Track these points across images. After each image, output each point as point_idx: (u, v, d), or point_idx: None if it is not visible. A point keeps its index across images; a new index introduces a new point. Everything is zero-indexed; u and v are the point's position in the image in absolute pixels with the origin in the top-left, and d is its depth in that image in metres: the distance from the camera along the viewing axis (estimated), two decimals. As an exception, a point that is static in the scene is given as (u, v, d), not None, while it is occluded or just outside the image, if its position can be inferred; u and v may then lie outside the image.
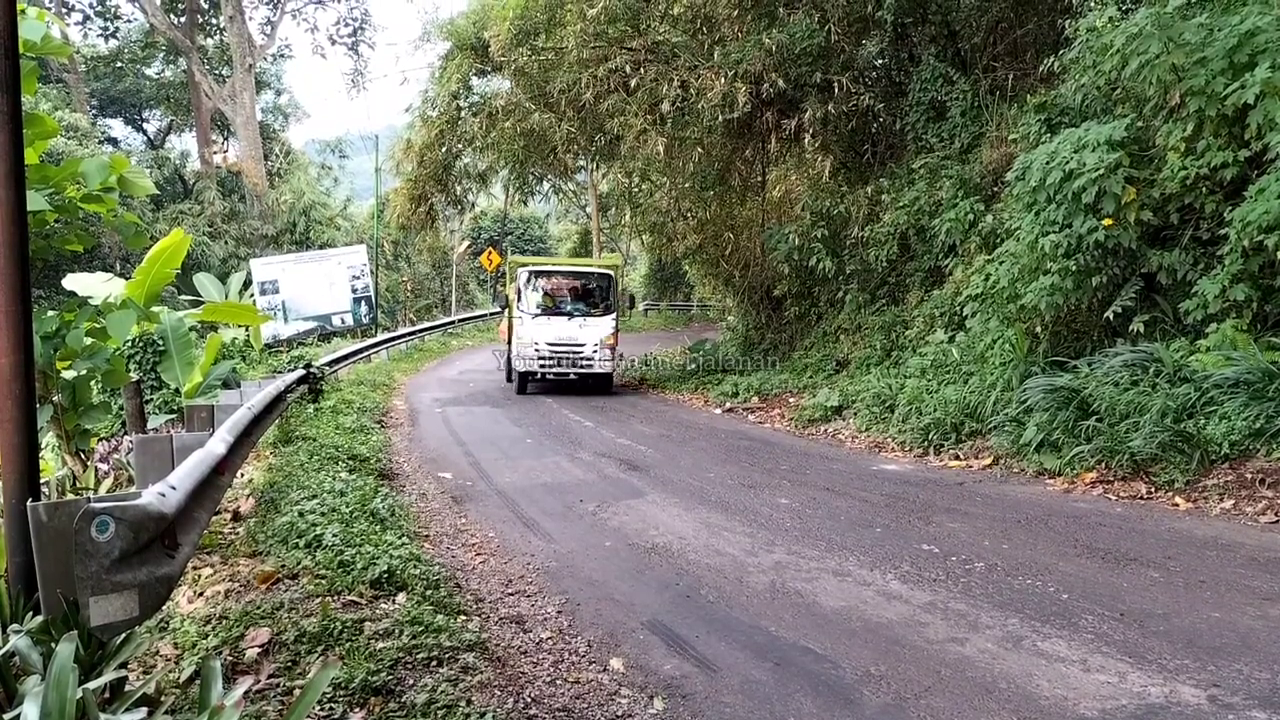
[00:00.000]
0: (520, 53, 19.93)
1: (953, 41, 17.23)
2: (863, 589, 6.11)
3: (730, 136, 18.92)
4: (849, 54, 17.73)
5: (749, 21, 17.77)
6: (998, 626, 5.32)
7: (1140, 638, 5.04)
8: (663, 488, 9.62)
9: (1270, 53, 9.00)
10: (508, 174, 28.77)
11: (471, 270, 52.79)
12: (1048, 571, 6.28)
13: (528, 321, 18.90)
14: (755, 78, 16.79)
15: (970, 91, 15.62)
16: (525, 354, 18.71)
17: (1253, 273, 9.13)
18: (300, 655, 4.73)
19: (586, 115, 20.13)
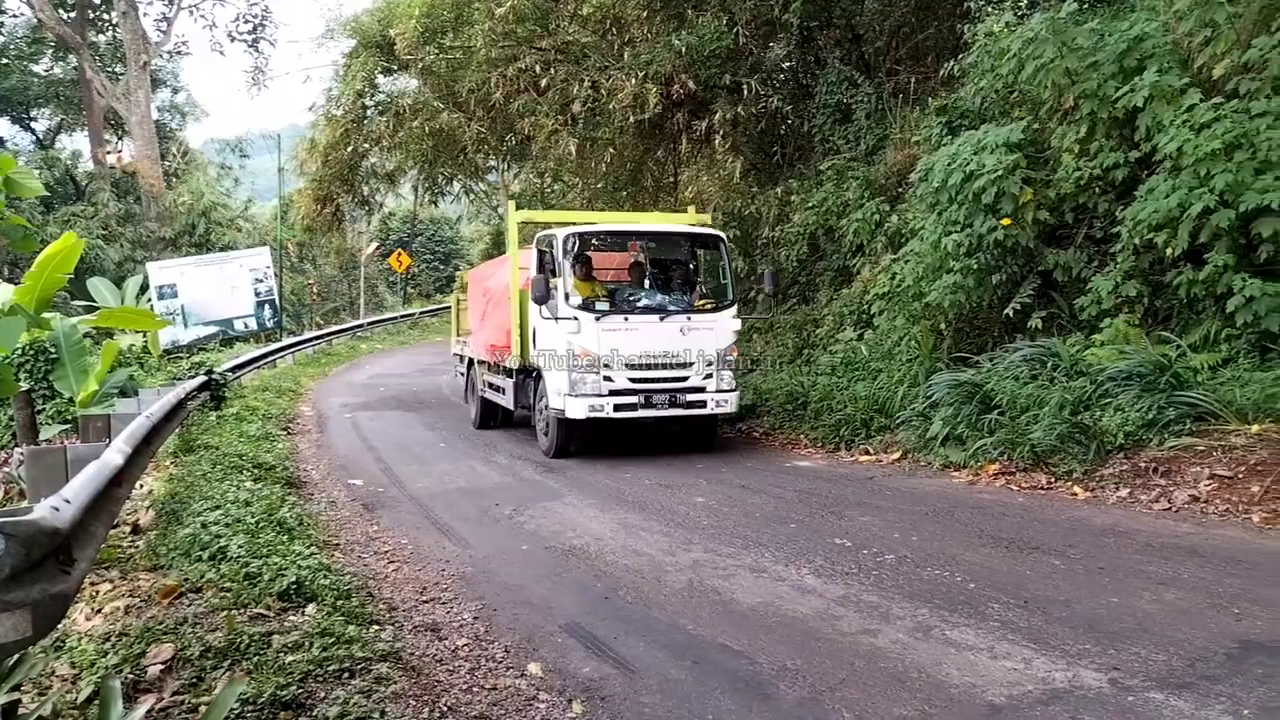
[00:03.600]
0: (427, 51, 19.68)
1: (857, 45, 17.57)
2: (778, 584, 6.18)
3: (642, 137, 18.98)
4: (757, 56, 17.94)
5: (658, 23, 17.85)
6: (908, 617, 5.43)
7: (1044, 624, 5.20)
8: (580, 489, 9.59)
9: (1158, 57, 9.39)
10: (417, 174, 28.36)
11: (381, 272, 51.90)
12: (955, 562, 6.44)
13: (583, 329, 10.79)
14: (666, 79, 16.88)
15: (874, 95, 15.95)
16: (570, 387, 10.80)
17: (1143, 270, 9.51)
18: (205, 671, 4.58)
19: (497, 115, 19.98)
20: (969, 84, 12.51)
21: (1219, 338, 8.87)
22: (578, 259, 11.37)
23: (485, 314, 13.88)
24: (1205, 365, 8.71)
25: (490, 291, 13.74)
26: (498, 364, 13.15)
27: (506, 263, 13.26)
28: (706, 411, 11.13)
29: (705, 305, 11.54)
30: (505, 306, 12.51)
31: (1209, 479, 7.57)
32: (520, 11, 18.01)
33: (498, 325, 12.97)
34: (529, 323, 11.81)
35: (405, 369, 24.40)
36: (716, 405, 11.10)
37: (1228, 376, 8.54)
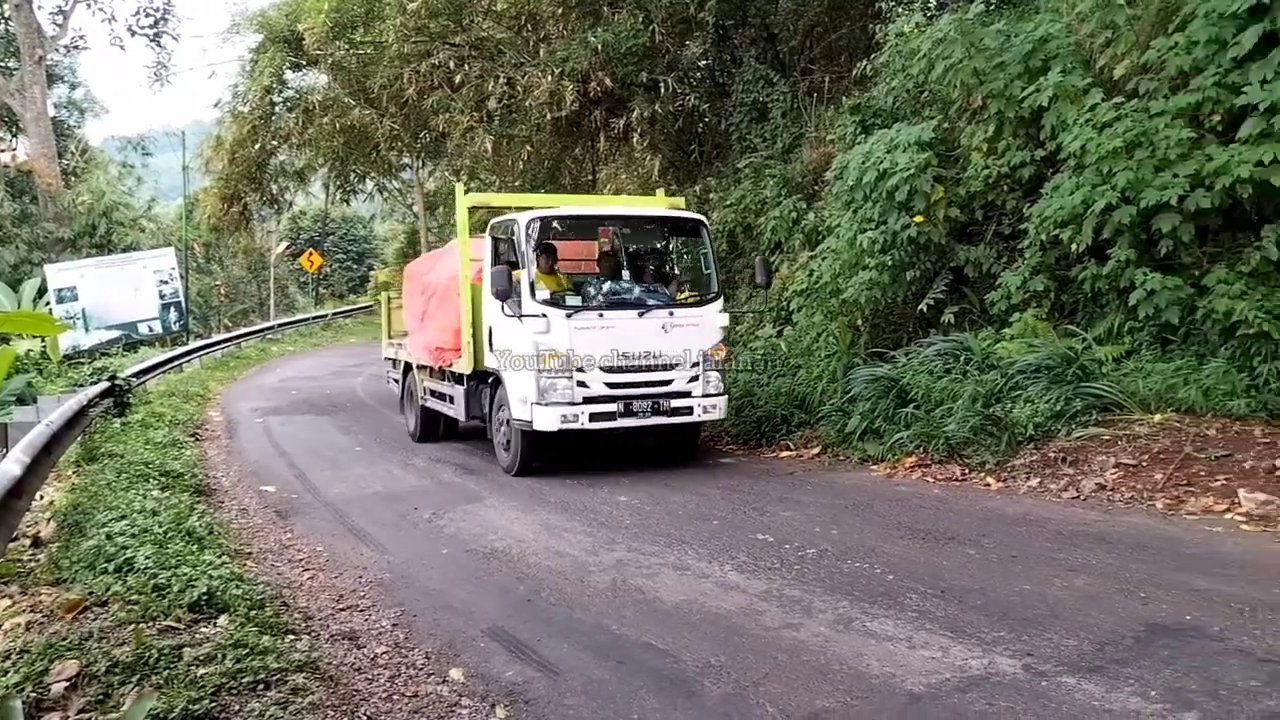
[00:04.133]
0: (337, 46, 19.32)
1: (772, 44, 17.74)
2: (702, 581, 6.19)
3: (559, 135, 18.89)
4: (673, 54, 18.00)
5: (574, 20, 17.79)
6: (830, 610, 5.48)
7: (960, 613, 5.30)
8: (501, 491, 9.49)
9: (1061, 58, 9.66)
10: (328, 172, 27.87)
11: (291, 273, 50.81)
12: (874, 554, 6.53)
13: (553, 328, 9.46)
14: (582, 76, 16.83)
15: (789, 93, 16.12)
16: (538, 394, 9.44)
17: (1050, 265, 9.78)
18: (113, 687, 4.39)
19: (410, 112, 19.72)
20: (881, 83, 12.73)
21: (1122, 330, 9.17)
22: (542, 248, 10.01)
23: (426, 313, 12.41)
24: (1109, 357, 8.99)
25: (432, 287, 12.29)
26: (443, 369, 11.83)
27: (450, 254, 12.28)
28: (693, 419, 9.95)
29: (689, 299, 10.42)
30: (452, 303, 11.15)
31: (1114, 468, 7.82)
32: (433, 7, 17.79)
33: (443, 325, 11.61)
34: (483, 321, 10.46)
35: (318, 371, 23.89)
36: (704, 411, 9.88)
37: (1131, 368, 8.83)
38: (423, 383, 12.79)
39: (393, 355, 14.89)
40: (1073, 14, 10.19)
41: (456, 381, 11.48)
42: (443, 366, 11.74)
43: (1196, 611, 5.06)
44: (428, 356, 12.17)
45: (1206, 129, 8.56)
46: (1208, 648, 4.59)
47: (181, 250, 37.62)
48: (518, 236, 9.80)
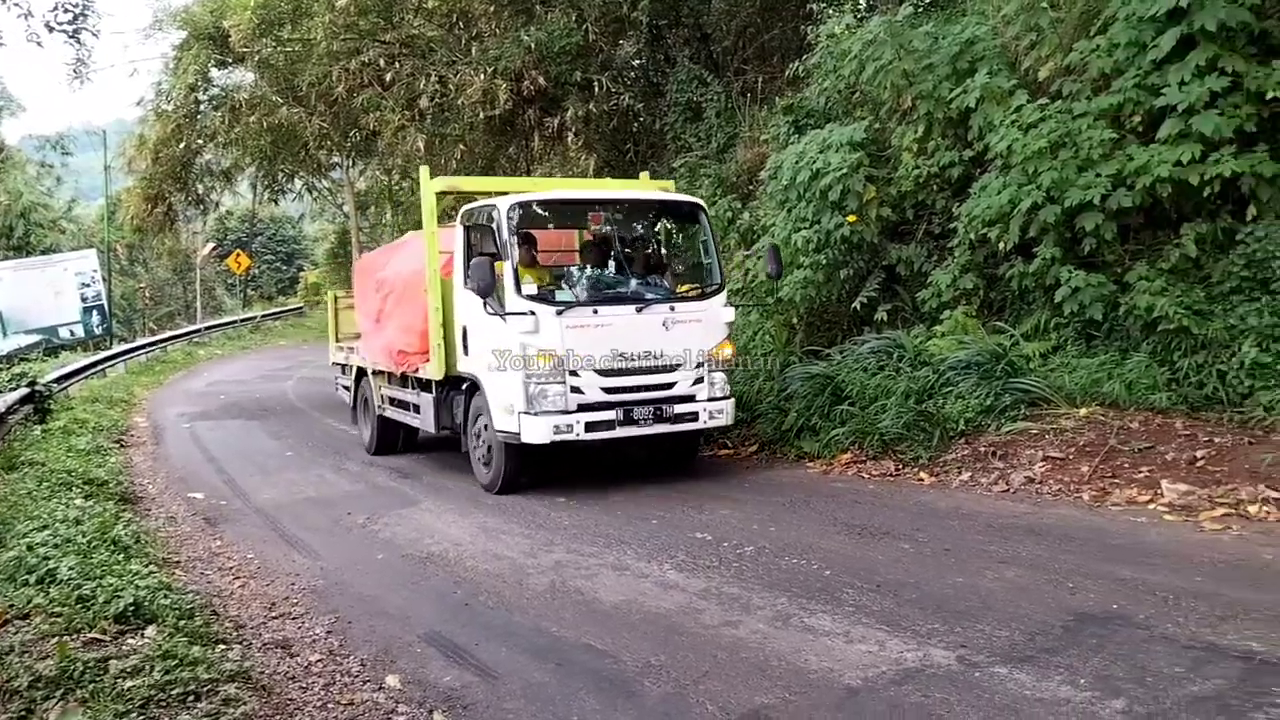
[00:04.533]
0: (264, 44, 18.96)
1: (705, 45, 17.82)
2: (641, 581, 6.19)
3: (493, 134, 18.77)
4: (607, 54, 17.99)
5: (506, 18, 17.68)
6: (768, 607, 5.52)
7: (895, 606, 5.37)
8: (437, 494, 9.39)
9: (988, 60, 9.85)
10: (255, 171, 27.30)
11: (218, 274, 49.73)
12: (811, 550, 6.58)
13: (542, 327, 8.44)
14: (516, 75, 16.73)
15: (723, 93, 16.21)
16: (526, 402, 8.42)
17: (979, 263, 9.96)
18: (35, 703, 4.25)
19: (340, 110, 19.43)
20: (813, 84, 12.85)
21: (1048, 326, 9.37)
22: (524, 238, 9.10)
23: (383, 312, 11.23)
24: (1036, 353, 9.19)
25: (390, 284, 11.18)
26: (406, 375, 10.72)
27: (408, 247, 11.43)
28: (698, 426, 9.00)
29: (690, 291, 9.43)
30: (417, 301, 10.09)
31: (1043, 461, 7.99)
32: (362, 4, 17.55)
33: (405, 326, 10.51)
34: (455, 320, 9.44)
35: (247, 375, 23.42)
36: (710, 417, 8.95)
37: (1057, 363, 9.04)
38: (380, 390, 11.68)
39: (342, 360, 13.52)
40: (998, 17, 10.40)
41: (423, 389, 10.40)
42: (406, 372, 10.65)
43: (1123, 600, 5.19)
44: (387, 361, 10.98)
45: (1127, 129, 8.79)
46: (1134, 635, 4.71)
47: (104, 252, 36.64)
48: (498, 223, 8.71)
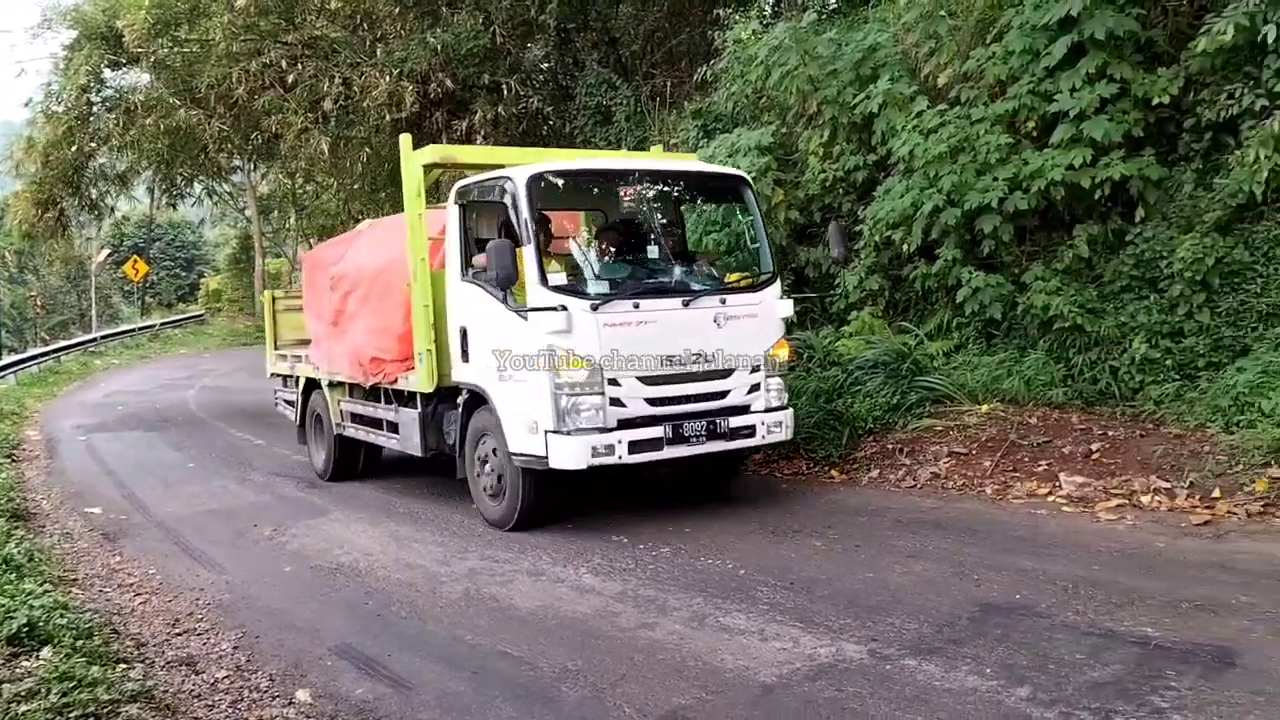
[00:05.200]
0: (161, 44, 18.35)
1: (614, 48, 17.86)
2: (557, 586, 6.16)
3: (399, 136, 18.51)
4: (516, 57, 17.90)
5: (411, 20, 17.46)
6: (684, 608, 5.54)
7: (809, 603, 5.45)
8: (346, 503, 9.20)
9: (889, 66, 10.08)
10: (152, 175, 26.45)
11: (114, 281, 47.99)
12: (726, 550, 6.63)
13: (575, 326, 6.93)
14: (422, 77, 16.53)
15: (633, 97, 16.26)
16: (555, 418, 6.90)
17: (884, 265, 10.19)
18: (-83, 735, 4.04)
19: (240, 112, 18.92)
20: (721, 89, 12.98)
21: (951, 326, 9.64)
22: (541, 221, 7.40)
23: (344, 313, 9.67)
24: (940, 352, 9.45)
25: (351, 279, 9.57)
26: (378, 386, 9.12)
27: (377, 235, 10.08)
28: (756, 442, 7.57)
29: (741, 282, 8.05)
30: (392, 299, 8.68)
31: (947, 456, 8.21)
32: (263, 4, 17.13)
33: (378, 328, 8.93)
34: (449, 320, 7.96)
35: (146, 385, 22.64)
36: (769, 432, 7.50)
37: (960, 361, 9.29)
38: (339, 404, 10.04)
39: (285, 371, 11.73)
40: (899, 24, 10.65)
41: (403, 403, 8.85)
42: (380, 384, 9.00)
43: (1025, 590, 5.35)
44: (353, 370, 9.37)
45: (1022, 134, 9.08)
46: (1036, 624, 4.86)
47: (-11, 259, 35.04)
48: (514, 200, 7.16)
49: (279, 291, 13.07)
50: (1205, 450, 7.20)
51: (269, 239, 44.84)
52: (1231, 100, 7.82)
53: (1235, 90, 7.78)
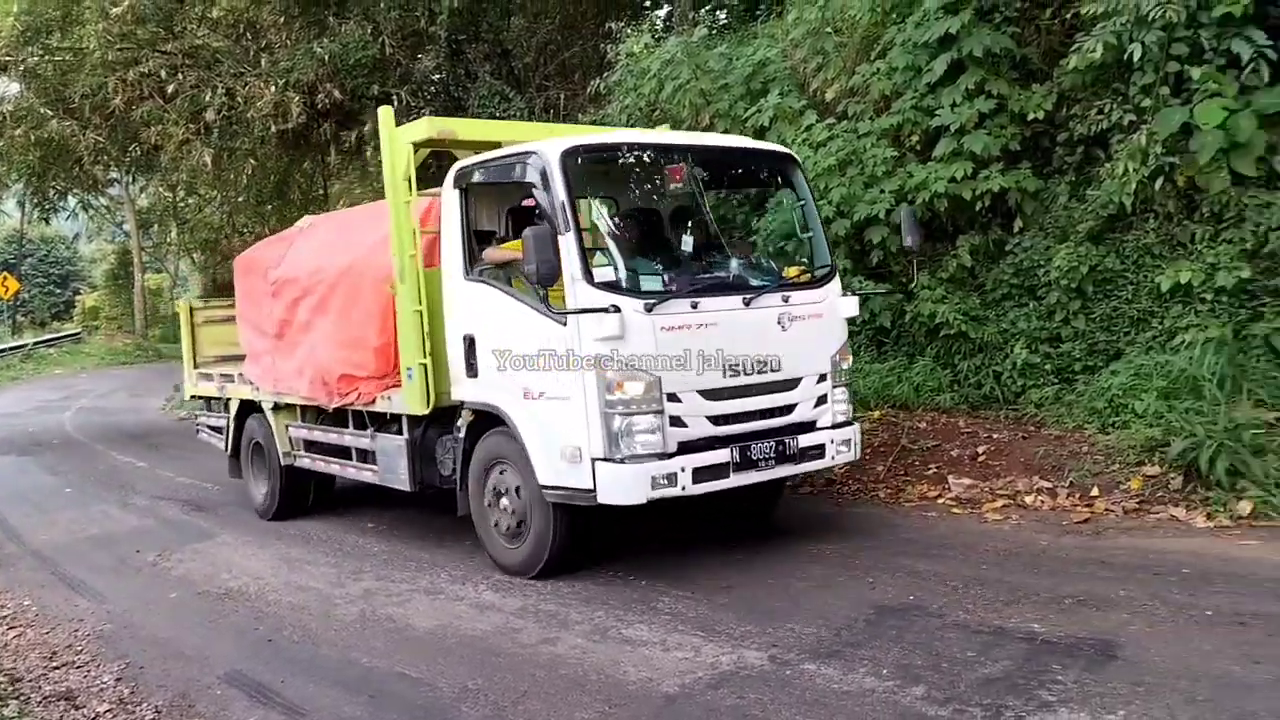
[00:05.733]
0: (30, 52, 17.52)
1: (506, 60, 17.78)
2: (456, 604, 6.07)
3: (286, 148, 18.06)
4: (406, 67, 17.65)
5: (297, 29, 17.07)
6: (586, 621, 5.52)
7: (710, 612, 5.48)
8: (234, 526, 8.90)
9: (779, 81, 10.27)
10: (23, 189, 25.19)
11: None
12: (627, 562, 6.61)
13: (630, 331, 5.70)
14: (309, 88, 16.16)
15: (526, 109, 16.20)
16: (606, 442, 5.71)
17: (777, 275, 10.33)
18: None
19: (117, 123, 18.17)
20: (615, 101, 13.03)
21: (843, 334, 9.83)
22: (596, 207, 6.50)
23: (294, 323, 8.37)
24: (833, 360, 9.62)
25: (303, 283, 8.23)
26: (347, 409, 7.85)
27: (333, 229, 8.80)
28: (825, 463, 6.62)
29: (802, 277, 6.81)
30: (365, 304, 7.45)
31: (842, 463, 8.36)
32: (140, 11, 16.49)
33: (347, 339, 7.68)
34: (449, 327, 6.74)
35: (18, 407, 21.58)
36: (838, 451, 6.55)
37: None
38: (287, 430, 8.76)
39: (211, 392, 10.27)
40: (787, 40, 10.86)
41: (381, 427, 7.61)
42: (350, 405, 7.75)
43: (918, 592, 5.49)
44: (313, 390, 8.07)
45: (907, 148, 9.36)
46: (930, 624, 4.98)
47: None
48: (547, 180, 5.90)
49: (197, 300, 11.32)
50: (1084, 450, 7.51)
51: (149, 254, 43.22)
52: (1101, 115, 8.18)
53: (1105, 106, 8.15)
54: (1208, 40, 7.49)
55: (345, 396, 7.70)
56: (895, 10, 9.51)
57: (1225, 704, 3.82)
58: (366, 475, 7.88)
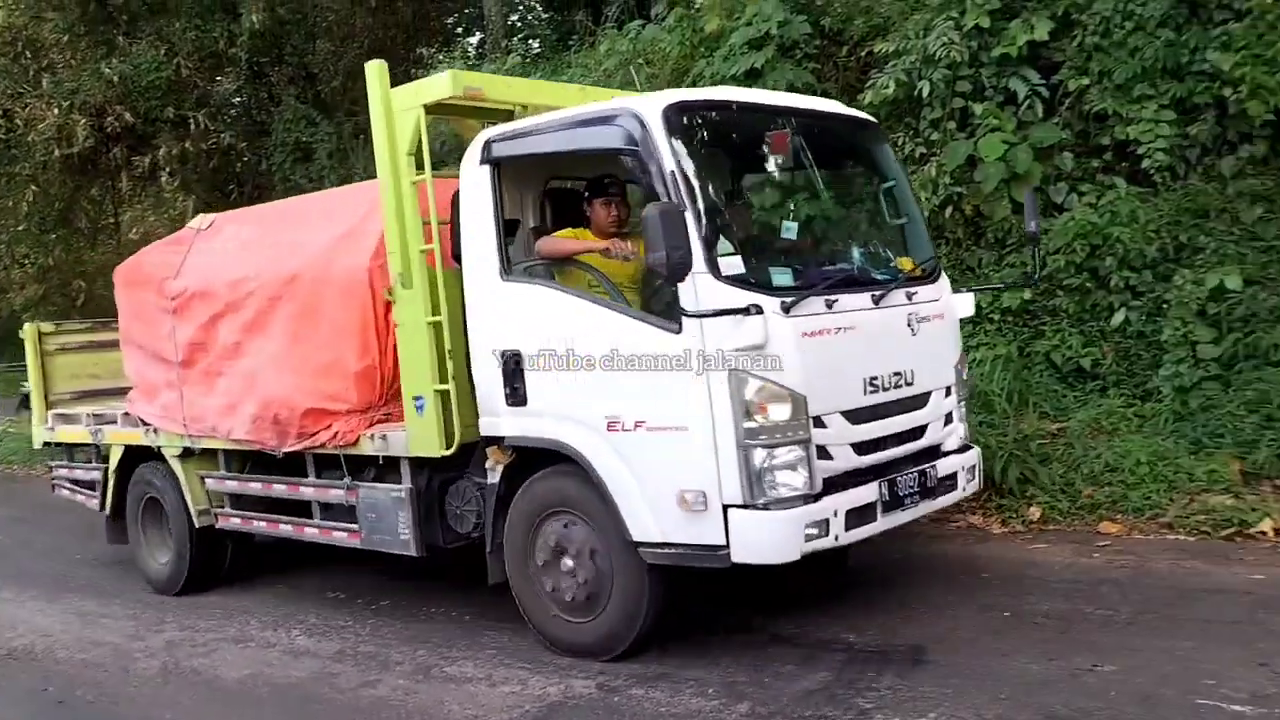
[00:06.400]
0: None
1: (312, 84, 17.32)
2: (267, 651, 5.78)
3: (72, 173, 16.92)
4: (204, 89, 16.92)
5: (84, 48, 16.09)
6: (408, 661, 5.36)
7: (536, 646, 5.37)
8: (17, 579, 8.18)
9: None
10: None
11: None
12: (452, 597, 6.44)
13: (774, 338, 4.38)
14: (97, 110, 15.24)
15: (335, 134, 15.81)
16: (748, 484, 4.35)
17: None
18: None
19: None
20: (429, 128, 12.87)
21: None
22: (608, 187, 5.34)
23: (215, 346, 6.72)
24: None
25: (225, 296, 6.60)
26: (306, 453, 6.26)
27: (245, 229, 7.20)
28: (955, 496, 5.46)
29: (916, 270, 5.47)
30: (335, 316, 5.91)
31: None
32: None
33: (312, 364, 6.06)
34: (475, 342, 5.28)
35: None
36: (967, 482, 5.46)
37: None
38: (204, 483, 7.07)
39: (79, 437, 8.18)
40: (600, 70, 11.02)
41: (359, 474, 6.03)
42: (314, 448, 6.13)
43: (742, 610, 5.54)
44: (257, 430, 6.38)
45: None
46: (753, 640, 5.09)
47: None
48: (651, 145, 4.57)
49: (47, 325, 8.94)
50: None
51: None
52: (896, 148, 8.68)
53: (898, 139, 8.65)
54: (988, 79, 8.13)
55: (312, 437, 6.04)
56: (704, 44, 9.81)
57: (1025, 700, 4.06)
58: (338, 538, 6.21)
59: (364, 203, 6.14)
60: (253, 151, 17.14)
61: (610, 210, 5.25)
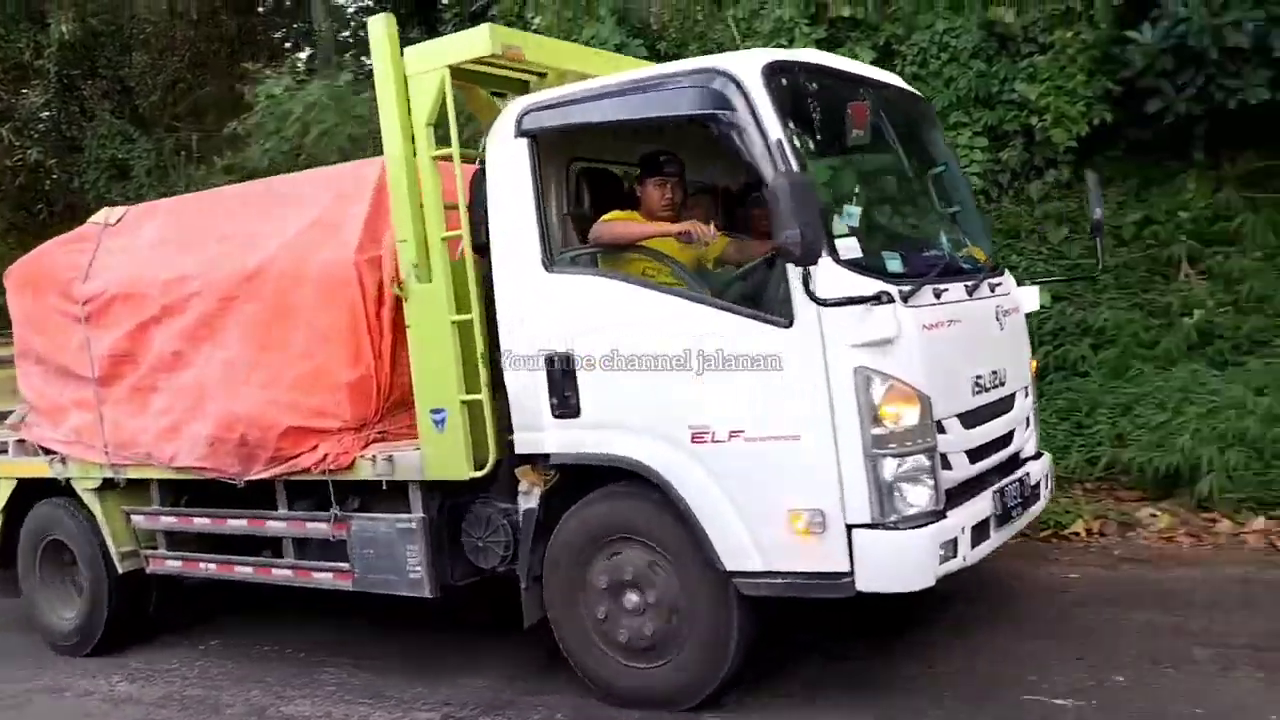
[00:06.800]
0: None
1: (129, 98, 16.51)
2: (85, 700, 5.44)
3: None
4: (8, 103, 15.92)
5: None
6: (239, 702, 5.14)
7: (378, 678, 5.25)
8: None
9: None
10: None
11: None
12: (284, 631, 6.21)
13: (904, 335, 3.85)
14: (-121, 122, 14.08)
15: (154, 150, 15.12)
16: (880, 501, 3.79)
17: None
18: None
19: None
20: (255, 144, 12.43)
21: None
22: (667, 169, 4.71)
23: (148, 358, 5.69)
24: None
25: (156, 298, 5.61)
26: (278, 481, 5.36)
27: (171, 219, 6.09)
28: (1040, 506, 5.03)
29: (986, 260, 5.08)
30: (316, 318, 5.05)
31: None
32: None
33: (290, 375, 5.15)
34: (504, 342, 4.54)
35: None
36: (1047, 489, 5.12)
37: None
38: (129, 521, 6.05)
39: None
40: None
41: (344, 502, 5.21)
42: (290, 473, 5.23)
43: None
44: (212, 454, 5.42)
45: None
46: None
47: None
48: (753, 108, 3.94)
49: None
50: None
51: None
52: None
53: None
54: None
55: (289, 461, 5.15)
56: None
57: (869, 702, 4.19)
58: (321, 580, 5.32)
59: (328, 188, 5.41)
60: (63, 169, 16.20)
61: (665, 191, 4.62)
